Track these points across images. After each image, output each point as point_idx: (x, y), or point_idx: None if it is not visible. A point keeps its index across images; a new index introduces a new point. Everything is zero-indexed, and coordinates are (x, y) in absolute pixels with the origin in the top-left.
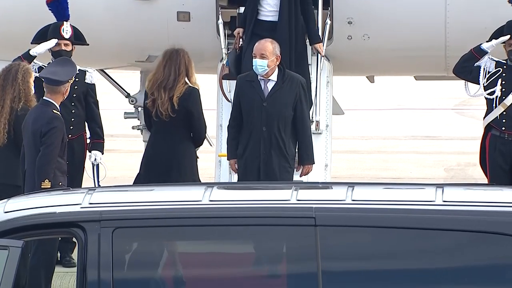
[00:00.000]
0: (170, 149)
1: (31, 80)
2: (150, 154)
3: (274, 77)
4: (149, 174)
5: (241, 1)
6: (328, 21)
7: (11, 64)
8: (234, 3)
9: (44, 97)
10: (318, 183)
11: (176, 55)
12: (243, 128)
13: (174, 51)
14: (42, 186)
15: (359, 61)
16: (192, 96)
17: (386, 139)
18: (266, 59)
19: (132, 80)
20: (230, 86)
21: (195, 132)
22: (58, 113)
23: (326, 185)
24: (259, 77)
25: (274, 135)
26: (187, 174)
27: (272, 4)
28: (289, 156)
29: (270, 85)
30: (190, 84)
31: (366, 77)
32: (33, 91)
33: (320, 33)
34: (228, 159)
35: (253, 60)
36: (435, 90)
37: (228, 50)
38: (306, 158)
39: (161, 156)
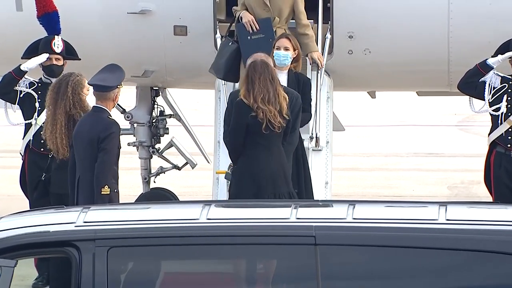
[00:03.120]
0: (283, 161)
1: (85, 91)
2: (262, 170)
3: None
4: (264, 190)
5: None
6: (329, 35)
7: (63, 75)
8: (232, 17)
9: (95, 105)
10: (318, 201)
11: (265, 66)
12: None
13: (263, 63)
14: (102, 193)
15: (360, 76)
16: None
17: (388, 156)
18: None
19: (127, 96)
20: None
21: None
22: (113, 119)
23: (327, 203)
24: None
25: None
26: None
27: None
28: None
29: None
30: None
31: (367, 92)
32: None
33: (320, 47)
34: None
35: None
36: (438, 106)
37: None
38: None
39: (279, 169)
